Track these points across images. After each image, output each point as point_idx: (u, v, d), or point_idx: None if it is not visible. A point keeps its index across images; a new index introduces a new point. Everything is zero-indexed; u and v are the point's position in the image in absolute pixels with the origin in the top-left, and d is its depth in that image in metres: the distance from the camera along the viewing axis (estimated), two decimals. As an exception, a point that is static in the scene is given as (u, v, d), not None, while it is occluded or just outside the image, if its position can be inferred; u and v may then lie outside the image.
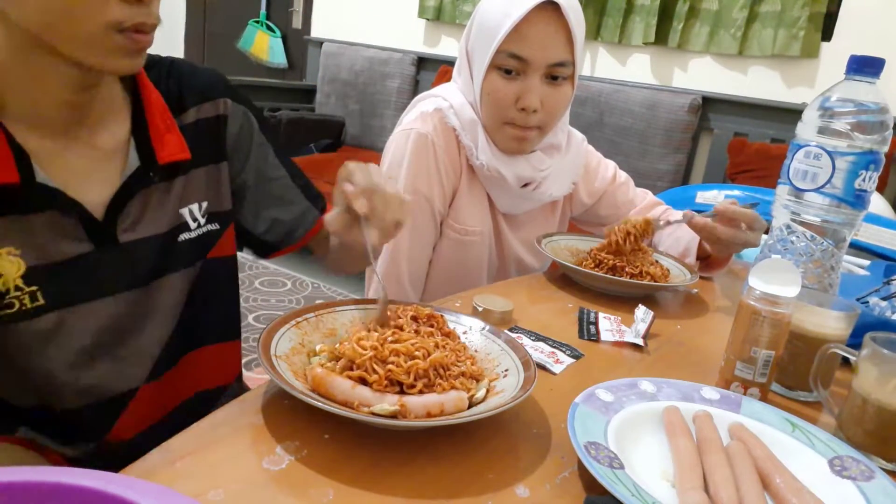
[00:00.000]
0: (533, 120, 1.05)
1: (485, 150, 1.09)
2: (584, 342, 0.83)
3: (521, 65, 1.02)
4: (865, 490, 0.53)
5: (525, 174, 1.11)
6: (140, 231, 0.73)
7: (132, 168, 0.71)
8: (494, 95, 1.05)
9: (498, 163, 1.09)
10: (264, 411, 0.58)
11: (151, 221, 0.74)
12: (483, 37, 1.04)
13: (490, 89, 1.05)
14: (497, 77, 1.04)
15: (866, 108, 0.77)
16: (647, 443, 0.59)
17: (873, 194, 0.80)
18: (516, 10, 0.99)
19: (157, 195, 0.74)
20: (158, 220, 0.75)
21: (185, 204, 0.77)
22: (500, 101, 1.04)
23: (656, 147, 2.76)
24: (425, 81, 3.50)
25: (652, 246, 1.25)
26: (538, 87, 1.03)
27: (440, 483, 0.51)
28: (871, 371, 0.63)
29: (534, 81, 1.02)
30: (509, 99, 1.04)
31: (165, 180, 0.75)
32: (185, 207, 0.77)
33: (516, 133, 1.07)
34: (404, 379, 0.57)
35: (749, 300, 0.70)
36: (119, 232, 0.71)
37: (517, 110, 1.04)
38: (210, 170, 0.80)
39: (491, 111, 1.07)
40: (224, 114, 0.81)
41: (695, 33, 2.73)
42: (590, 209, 1.30)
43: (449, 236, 1.13)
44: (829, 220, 0.80)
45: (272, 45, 4.36)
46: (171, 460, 0.50)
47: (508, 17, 0.99)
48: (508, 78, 1.03)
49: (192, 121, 0.78)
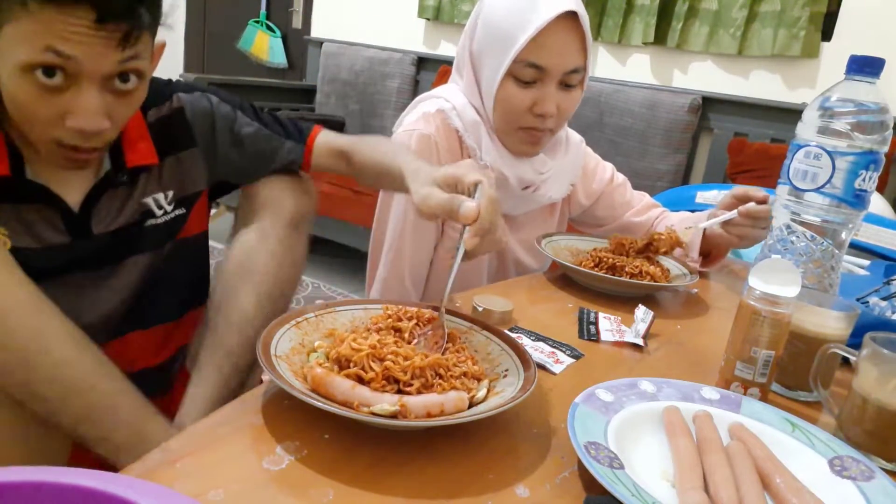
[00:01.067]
0: (548, 124, 1.06)
1: (489, 151, 1.09)
2: (584, 342, 0.83)
3: (538, 73, 1.02)
4: (865, 490, 0.53)
5: (527, 176, 1.12)
6: (111, 224, 0.82)
7: (104, 170, 0.82)
8: (510, 102, 1.04)
9: (502, 164, 1.09)
10: (264, 411, 0.58)
11: (121, 214, 0.83)
12: (496, 43, 1.03)
13: (505, 96, 1.04)
14: (513, 85, 1.03)
15: (866, 108, 0.77)
16: (647, 443, 0.59)
17: (873, 194, 0.80)
18: (536, 20, 0.98)
19: (125, 191, 0.84)
20: (126, 212, 0.84)
21: (150, 194, 0.86)
22: (516, 109, 1.04)
23: (656, 147, 2.76)
24: (425, 81, 3.49)
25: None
26: (554, 94, 1.03)
27: (440, 483, 0.51)
28: (871, 371, 0.63)
29: (550, 89, 1.03)
30: (525, 106, 1.04)
31: (133, 179, 0.84)
32: (149, 197, 0.86)
33: (530, 137, 1.07)
34: (401, 376, 0.57)
35: (749, 300, 0.70)
36: (93, 224, 0.81)
37: (533, 116, 1.05)
38: (176, 160, 0.88)
39: (505, 117, 1.07)
40: (179, 106, 0.89)
41: (694, 33, 2.73)
42: (587, 210, 1.31)
43: (450, 237, 1.13)
44: (829, 220, 0.80)
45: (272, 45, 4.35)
46: (171, 460, 0.50)
47: (527, 26, 0.98)
48: (524, 86, 1.03)
49: (153, 120, 0.86)
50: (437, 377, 0.59)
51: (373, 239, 1.17)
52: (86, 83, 0.67)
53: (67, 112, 0.68)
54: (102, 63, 0.67)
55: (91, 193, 0.80)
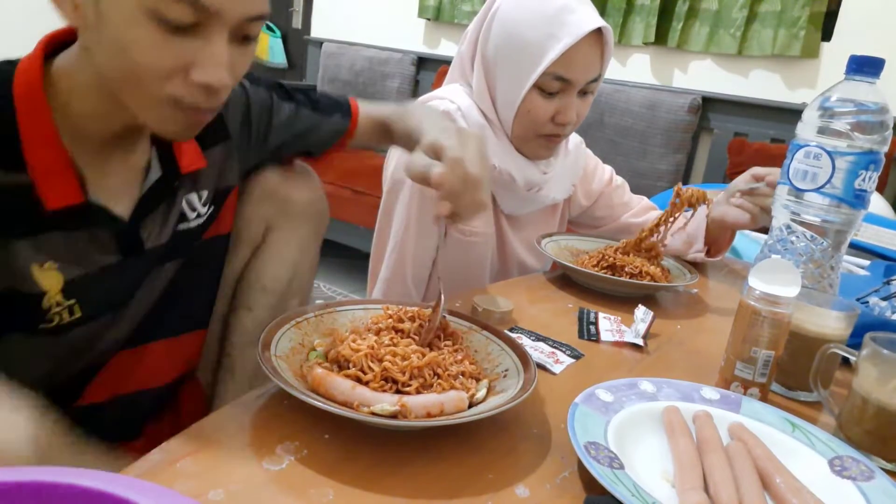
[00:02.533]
0: (567, 130, 1.09)
1: (496, 152, 1.09)
2: (584, 342, 0.83)
3: (563, 85, 1.04)
4: (865, 490, 0.53)
5: (534, 178, 1.13)
6: (161, 237, 0.74)
7: (154, 178, 0.72)
8: (535, 113, 1.06)
9: (510, 165, 1.10)
10: (264, 411, 0.58)
11: (166, 224, 0.75)
12: (519, 54, 1.03)
13: (530, 107, 1.06)
14: (538, 96, 1.05)
15: (866, 108, 0.77)
16: (647, 443, 0.59)
17: (873, 194, 0.80)
18: (567, 36, 0.99)
19: (170, 199, 0.75)
20: (171, 221, 0.76)
21: (186, 196, 0.78)
22: (539, 118, 1.06)
23: (656, 147, 2.76)
24: (425, 81, 3.49)
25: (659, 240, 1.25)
26: (575, 103, 1.06)
27: (440, 483, 0.51)
28: (871, 371, 0.63)
29: (572, 99, 1.05)
30: (548, 116, 1.06)
31: (184, 186, 0.76)
32: (186, 200, 0.78)
33: (548, 143, 1.10)
34: (399, 377, 0.57)
35: (749, 300, 0.70)
36: (145, 240, 0.72)
37: (554, 125, 1.07)
38: (211, 156, 0.80)
39: (528, 126, 1.08)
40: None
41: (694, 33, 2.73)
42: (586, 210, 1.32)
43: (452, 237, 1.13)
44: (829, 220, 0.80)
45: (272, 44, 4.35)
46: (171, 460, 0.50)
47: (556, 41, 1.00)
48: (549, 97, 1.05)
49: None
50: (436, 376, 0.59)
51: (375, 239, 1.17)
52: (217, 31, 0.58)
53: (193, 64, 0.58)
54: (243, 7, 0.58)
55: (140, 205, 0.71)
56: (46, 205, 0.63)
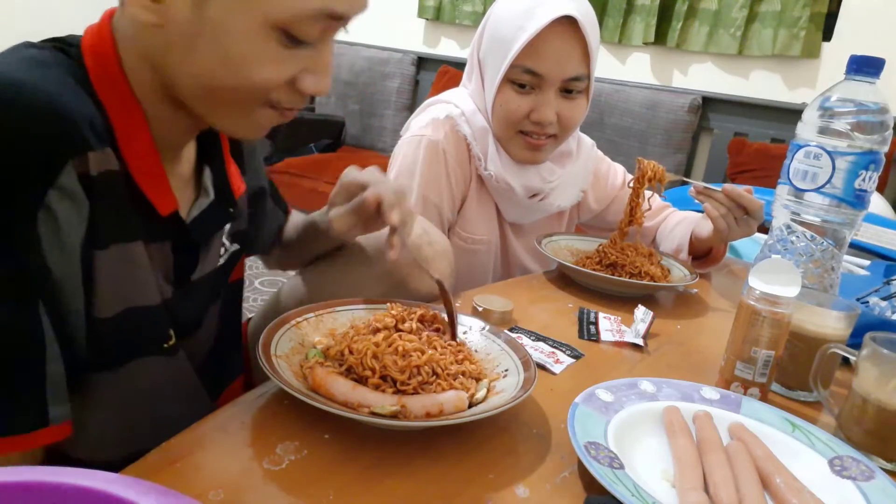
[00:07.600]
0: (548, 129, 1.05)
1: (494, 160, 1.08)
2: (584, 342, 0.83)
3: (535, 80, 1.01)
4: (865, 490, 0.53)
5: (534, 185, 1.11)
6: (206, 268, 0.68)
7: (206, 202, 0.67)
8: (507, 108, 1.04)
9: (507, 173, 1.08)
10: (264, 411, 0.58)
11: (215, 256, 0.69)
12: (496, 48, 1.03)
13: (503, 102, 1.04)
14: (510, 90, 1.03)
15: (866, 108, 0.77)
16: (647, 443, 0.59)
17: (873, 194, 0.80)
18: (531, 25, 0.97)
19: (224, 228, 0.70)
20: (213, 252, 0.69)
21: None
22: (513, 114, 1.04)
23: (656, 147, 2.76)
24: (425, 81, 3.49)
25: (654, 245, 1.25)
26: (553, 102, 1.02)
27: (440, 483, 0.51)
28: (871, 371, 0.63)
29: (548, 96, 1.02)
30: (522, 112, 1.03)
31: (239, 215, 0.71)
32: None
33: (530, 142, 1.06)
34: (398, 376, 0.57)
35: (749, 300, 0.70)
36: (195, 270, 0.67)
37: (531, 123, 1.04)
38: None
39: (503, 123, 1.06)
40: None
41: (694, 33, 2.73)
42: (598, 214, 1.30)
43: (455, 244, 1.12)
44: (829, 220, 0.80)
45: (272, 45, 4.34)
46: (171, 460, 0.50)
47: (523, 31, 0.97)
48: (522, 92, 1.02)
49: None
50: (434, 375, 0.59)
51: None
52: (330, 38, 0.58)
53: (304, 71, 0.57)
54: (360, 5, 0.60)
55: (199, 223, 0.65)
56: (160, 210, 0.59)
